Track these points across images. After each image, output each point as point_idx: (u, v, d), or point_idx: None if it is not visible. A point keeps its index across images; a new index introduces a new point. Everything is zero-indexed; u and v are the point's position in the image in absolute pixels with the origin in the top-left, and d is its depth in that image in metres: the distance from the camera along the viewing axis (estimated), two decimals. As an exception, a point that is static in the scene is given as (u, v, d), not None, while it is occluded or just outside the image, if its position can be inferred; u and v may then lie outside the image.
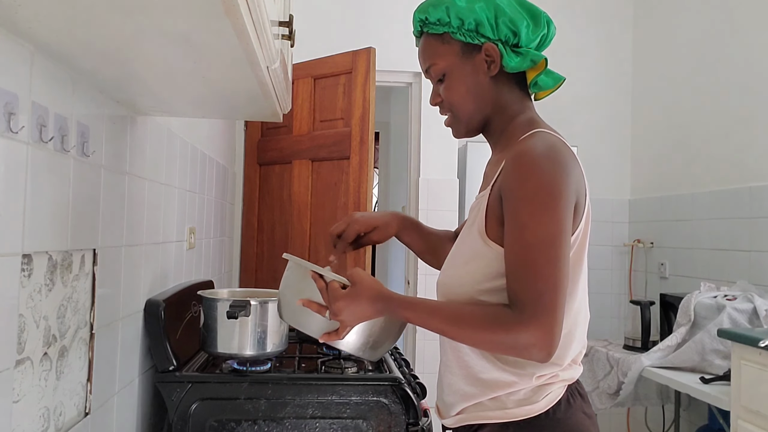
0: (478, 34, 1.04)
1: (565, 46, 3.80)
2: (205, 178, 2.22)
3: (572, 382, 1.06)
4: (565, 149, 1.00)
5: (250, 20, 0.81)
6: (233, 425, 1.47)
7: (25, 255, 0.91)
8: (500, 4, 1.03)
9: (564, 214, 0.93)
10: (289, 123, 2.89)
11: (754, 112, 2.82)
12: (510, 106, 1.09)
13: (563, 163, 0.96)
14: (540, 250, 0.91)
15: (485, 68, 1.06)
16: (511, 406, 1.01)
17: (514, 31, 1.03)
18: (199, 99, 1.29)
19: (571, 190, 0.95)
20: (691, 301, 2.51)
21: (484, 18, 1.03)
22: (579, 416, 1.04)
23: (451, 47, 1.08)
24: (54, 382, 1.03)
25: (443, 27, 1.07)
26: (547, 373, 1.02)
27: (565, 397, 1.03)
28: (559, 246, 0.92)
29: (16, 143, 0.88)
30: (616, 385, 2.72)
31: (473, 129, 1.14)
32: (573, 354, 1.05)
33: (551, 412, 1.01)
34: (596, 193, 3.77)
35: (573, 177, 0.96)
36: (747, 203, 2.81)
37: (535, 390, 1.02)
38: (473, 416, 1.05)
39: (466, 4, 1.04)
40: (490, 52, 1.05)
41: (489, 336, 0.94)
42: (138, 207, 1.46)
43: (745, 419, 1.93)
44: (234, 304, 1.47)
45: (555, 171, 0.94)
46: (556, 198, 0.93)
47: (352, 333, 1.09)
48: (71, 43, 0.90)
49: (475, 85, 1.08)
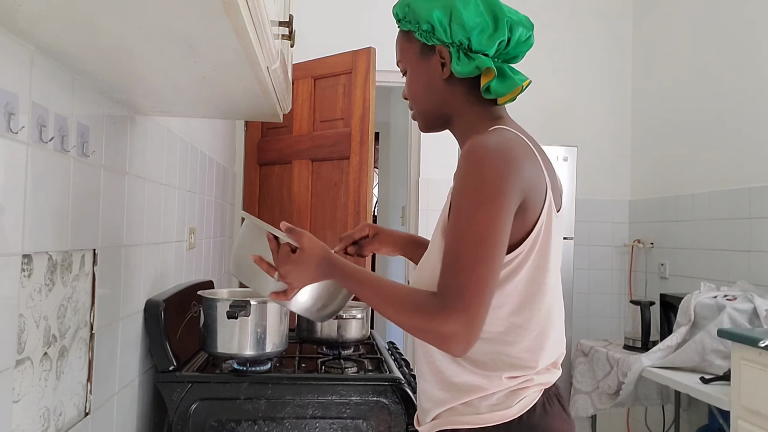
0: (434, 36, 1.06)
1: (566, 46, 3.81)
2: (205, 179, 2.22)
3: (549, 387, 1.04)
4: (519, 147, 0.99)
5: (250, 20, 0.81)
6: (233, 425, 1.47)
7: (25, 255, 0.91)
8: (458, 8, 1.03)
9: (501, 212, 0.92)
10: (289, 123, 2.89)
11: (754, 112, 2.82)
12: (471, 107, 1.10)
13: (510, 160, 0.95)
14: (470, 244, 0.91)
15: (440, 69, 1.08)
16: (484, 411, 1.00)
17: (467, 37, 1.04)
18: (199, 99, 1.29)
19: (515, 188, 0.94)
20: (691, 301, 2.51)
21: (437, 21, 1.04)
22: (556, 422, 1.02)
23: (413, 46, 1.11)
24: (54, 382, 1.03)
25: (409, 25, 1.09)
26: (519, 375, 1.00)
27: (540, 401, 1.02)
28: (491, 242, 0.91)
29: (16, 143, 0.88)
30: (616, 385, 2.72)
31: (431, 125, 1.16)
32: (548, 355, 1.03)
33: (525, 417, 1.00)
34: (596, 194, 3.78)
35: (521, 175, 0.95)
36: (747, 203, 2.81)
37: (508, 394, 1.00)
38: (447, 421, 1.04)
39: (425, 6, 1.05)
40: (442, 54, 1.07)
41: (410, 320, 0.95)
42: (138, 207, 1.46)
43: (745, 419, 1.93)
44: (234, 304, 1.47)
45: (498, 168, 0.94)
46: (494, 195, 0.92)
47: (301, 294, 1.12)
48: (71, 43, 0.90)
49: (430, 84, 1.10)
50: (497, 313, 0.98)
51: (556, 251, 1.02)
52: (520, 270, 0.98)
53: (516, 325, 0.99)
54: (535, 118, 3.76)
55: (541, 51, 3.80)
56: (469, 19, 1.03)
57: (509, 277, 0.97)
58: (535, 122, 3.77)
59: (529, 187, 0.96)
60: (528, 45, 1.10)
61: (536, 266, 0.98)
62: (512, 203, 0.93)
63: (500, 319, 0.99)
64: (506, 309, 0.99)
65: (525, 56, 1.15)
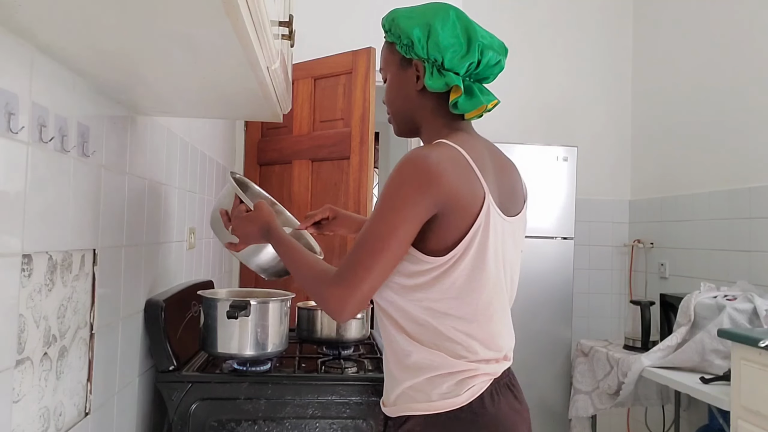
0: (412, 50, 1.17)
1: (566, 47, 3.81)
2: (205, 178, 2.22)
3: (499, 377, 1.14)
4: (448, 162, 1.07)
5: (250, 20, 0.81)
6: (233, 425, 1.47)
7: (25, 255, 0.91)
8: (436, 28, 1.14)
9: (404, 220, 1.05)
10: (289, 123, 2.89)
11: (754, 112, 2.82)
12: (437, 119, 1.20)
13: (428, 174, 1.05)
14: (370, 240, 1.06)
15: (414, 81, 1.19)
16: (435, 399, 1.11)
17: (441, 55, 1.14)
18: (199, 99, 1.29)
19: (426, 200, 1.05)
20: (691, 301, 2.51)
21: (416, 38, 1.15)
22: (504, 410, 1.12)
23: (394, 57, 1.22)
24: (54, 382, 1.03)
25: (392, 37, 1.21)
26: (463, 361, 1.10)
27: (488, 391, 1.12)
28: (386, 242, 1.05)
29: (16, 143, 0.88)
30: (616, 385, 2.72)
31: (403, 130, 1.28)
32: (490, 346, 1.13)
33: (474, 404, 1.10)
34: (596, 194, 3.78)
35: (438, 188, 1.05)
36: (747, 203, 2.81)
37: (458, 383, 1.10)
38: (404, 408, 1.15)
39: (407, 24, 1.16)
40: (418, 68, 1.18)
41: (310, 284, 1.13)
42: (138, 207, 1.46)
43: (745, 419, 1.93)
44: (234, 305, 1.47)
45: (413, 181, 1.05)
46: (402, 204, 1.05)
47: (250, 252, 1.38)
48: (71, 43, 0.90)
49: (405, 94, 1.22)
50: (438, 305, 1.10)
51: (496, 253, 1.12)
52: (456, 268, 1.08)
53: (455, 318, 1.10)
54: (535, 118, 3.77)
55: (542, 51, 3.81)
56: (444, 40, 1.13)
57: (446, 274, 1.08)
58: (535, 122, 3.78)
59: (452, 197, 1.06)
60: (498, 68, 1.19)
61: (473, 266, 1.08)
62: (420, 213, 1.05)
63: (440, 311, 1.10)
64: (445, 303, 1.09)
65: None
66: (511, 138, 3.60)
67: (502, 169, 1.20)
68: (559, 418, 3.26)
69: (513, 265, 1.20)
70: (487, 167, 1.13)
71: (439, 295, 1.09)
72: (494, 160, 1.18)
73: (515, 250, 1.20)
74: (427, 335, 1.11)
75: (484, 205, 1.08)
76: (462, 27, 1.15)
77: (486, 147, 1.19)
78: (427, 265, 1.08)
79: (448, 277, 1.08)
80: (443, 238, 1.07)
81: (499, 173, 1.17)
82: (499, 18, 3.73)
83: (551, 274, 3.28)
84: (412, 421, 1.13)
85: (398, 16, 1.18)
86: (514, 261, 1.20)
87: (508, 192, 1.19)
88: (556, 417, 3.26)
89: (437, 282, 1.08)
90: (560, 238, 3.30)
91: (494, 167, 1.16)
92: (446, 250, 1.07)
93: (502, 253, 1.14)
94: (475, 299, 1.10)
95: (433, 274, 1.08)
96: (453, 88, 1.15)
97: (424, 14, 1.16)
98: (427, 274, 1.08)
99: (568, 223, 3.30)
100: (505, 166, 1.22)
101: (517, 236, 1.20)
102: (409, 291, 1.11)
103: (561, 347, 3.27)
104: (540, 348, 3.25)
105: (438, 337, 1.11)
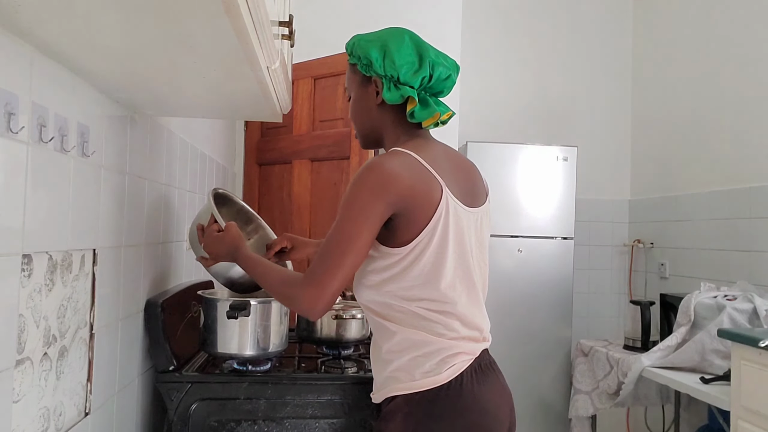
0: (371, 69, 1.29)
1: (566, 47, 3.81)
2: (205, 178, 2.22)
3: (480, 358, 1.23)
4: (401, 167, 1.17)
5: (250, 20, 0.81)
6: (233, 425, 1.47)
7: (25, 255, 0.91)
8: (391, 49, 1.27)
9: (363, 224, 1.15)
10: (289, 123, 2.89)
11: (754, 112, 2.82)
12: (397, 129, 1.32)
13: (383, 179, 1.16)
14: (333, 245, 1.16)
15: (374, 96, 1.31)
16: (418, 378, 1.20)
17: (397, 72, 1.26)
18: (199, 99, 1.29)
19: (383, 203, 1.15)
20: (691, 301, 2.51)
21: (374, 58, 1.28)
22: (486, 390, 1.21)
23: (356, 76, 1.35)
24: (54, 382, 1.03)
25: (354, 59, 1.33)
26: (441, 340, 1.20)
27: (469, 370, 1.20)
28: (347, 247, 1.15)
29: (16, 143, 0.88)
30: (616, 385, 2.72)
31: (368, 143, 1.39)
32: (467, 325, 1.23)
33: (455, 383, 1.18)
34: (596, 194, 3.78)
35: (394, 191, 1.15)
36: (747, 203, 2.81)
37: (439, 363, 1.19)
38: (390, 389, 1.23)
39: (365, 45, 1.30)
40: (377, 84, 1.30)
41: (280, 288, 1.23)
42: (138, 207, 1.46)
43: (746, 419, 1.93)
44: (234, 305, 1.47)
45: (369, 187, 1.16)
46: (359, 210, 1.15)
47: (219, 270, 1.47)
48: (71, 43, 0.90)
49: (367, 109, 1.34)
50: (410, 293, 1.20)
51: (460, 239, 1.22)
52: (423, 256, 1.18)
53: (428, 301, 1.20)
54: (536, 118, 3.77)
55: (542, 51, 3.81)
56: (399, 58, 1.26)
57: (414, 263, 1.19)
58: (535, 122, 3.78)
59: (408, 196, 1.17)
60: (450, 82, 1.32)
61: (438, 253, 1.19)
62: (378, 214, 1.16)
63: (414, 297, 1.20)
64: (417, 290, 1.20)
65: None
66: (511, 138, 3.60)
67: (460, 169, 1.31)
68: (559, 418, 3.26)
69: (480, 251, 1.30)
70: (443, 167, 1.24)
71: (410, 283, 1.20)
72: (451, 161, 1.30)
73: (479, 238, 1.30)
74: (407, 319, 1.21)
75: (443, 198, 1.19)
76: (415, 47, 1.28)
77: (443, 150, 1.31)
78: (396, 257, 1.19)
79: (416, 265, 1.18)
80: (407, 231, 1.18)
81: (457, 172, 1.29)
82: (499, 18, 3.73)
83: (551, 274, 3.28)
84: (396, 400, 1.21)
85: (359, 40, 1.32)
86: (481, 248, 1.31)
87: (468, 188, 1.30)
88: (556, 417, 3.26)
89: (406, 272, 1.19)
90: (560, 238, 3.30)
91: (451, 167, 1.28)
92: (411, 241, 1.18)
93: (467, 240, 1.25)
94: (442, 282, 1.19)
95: (402, 264, 1.19)
96: (409, 100, 1.27)
97: (381, 37, 1.30)
98: (396, 265, 1.19)
99: (568, 223, 3.30)
100: (463, 166, 1.34)
101: (481, 226, 1.31)
102: (384, 285, 1.21)
103: (561, 347, 3.27)
104: (540, 348, 3.25)
105: (417, 319, 1.21)
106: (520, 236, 3.27)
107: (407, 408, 1.19)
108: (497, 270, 3.22)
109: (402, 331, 1.21)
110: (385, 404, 1.25)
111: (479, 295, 1.28)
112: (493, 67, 3.74)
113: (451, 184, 1.23)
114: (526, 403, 3.21)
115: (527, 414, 3.22)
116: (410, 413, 1.19)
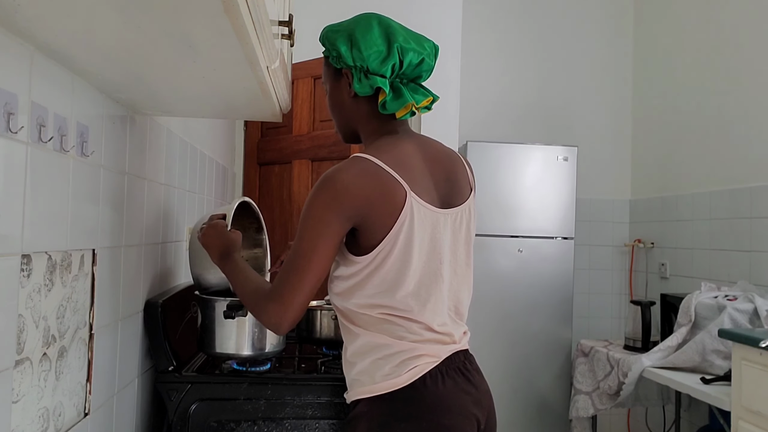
0: (341, 61, 1.25)
1: (566, 47, 3.81)
2: (205, 178, 2.22)
3: (445, 360, 1.20)
4: (359, 176, 1.15)
5: (250, 20, 0.81)
6: (233, 425, 1.47)
7: (24, 255, 0.91)
8: (357, 37, 1.23)
9: (321, 236, 1.14)
10: (289, 123, 2.89)
11: (754, 112, 2.82)
12: (371, 122, 1.29)
13: (339, 191, 1.13)
14: (294, 258, 1.16)
15: (348, 89, 1.28)
16: (379, 380, 1.19)
17: (365, 61, 1.22)
18: (199, 99, 1.29)
19: (340, 215, 1.13)
20: (691, 302, 2.51)
21: (342, 49, 1.24)
22: (449, 390, 1.19)
23: (329, 69, 1.32)
24: (53, 383, 1.03)
25: (326, 52, 1.30)
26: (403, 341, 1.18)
27: (432, 372, 1.18)
28: (308, 259, 1.15)
29: (15, 143, 0.87)
30: (617, 386, 2.72)
31: (347, 137, 1.36)
32: (431, 330, 1.20)
33: (416, 384, 1.17)
34: (596, 193, 3.78)
35: (350, 202, 1.13)
36: (747, 203, 2.81)
37: (399, 364, 1.18)
38: (353, 393, 1.23)
39: (334, 37, 1.26)
40: (348, 76, 1.26)
41: (249, 300, 1.23)
42: (138, 207, 1.46)
43: (746, 420, 1.93)
44: (231, 305, 1.47)
45: (325, 200, 1.14)
46: (317, 223, 1.14)
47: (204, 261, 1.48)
48: (71, 43, 0.90)
49: (342, 102, 1.31)
50: (373, 300, 1.18)
51: (426, 245, 1.19)
52: (385, 263, 1.16)
53: (390, 308, 1.19)
54: (535, 118, 3.77)
55: (542, 51, 3.81)
56: (366, 48, 1.22)
57: (377, 270, 1.17)
58: (535, 122, 3.78)
59: (365, 207, 1.14)
60: (426, 66, 1.26)
61: (402, 260, 1.17)
62: (335, 229, 1.15)
63: (377, 304, 1.19)
64: (380, 297, 1.18)
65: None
66: (511, 138, 3.59)
67: (437, 164, 1.26)
68: (559, 418, 3.25)
69: (456, 254, 1.26)
70: (412, 165, 1.21)
71: (373, 291, 1.18)
72: (426, 157, 1.25)
73: (457, 239, 1.26)
74: (370, 323, 1.20)
75: (407, 203, 1.16)
76: (383, 33, 1.23)
77: (417, 145, 1.26)
78: (359, 265, 1.17)
79: (378, 273, 1.17)
80: (369, 240, 1.16)
81: (432, 169, 1.25)
82: (499, 18, 3.73)
83: (551, 274, 3.28)
84: (360, 405, 1.21)
85: (328, 31, 1.28)
86: (458, 250, 1.27)
87: (444, 186, 1.26)
88: (556, 417, 3.26)
89: (369, 279, 1.17)
90: (560, 238, 3.30)
91: (424, 165, 1.24)
92: (372, 249, 1.16)
93: (439, 243, 1.21)
94: (404, 290, 1.17)
95: (365, 272, 1.17)
96: (380, 91, 1.22)
97: (348, 26, 1.26)
98: (360, 273, 1.18)
99: (568, 223, 3.30)
100: (440, 159, 1.28)
101: (461, 225, 1.27)
102: (349, 292, 1.20)
103: (561, 347, 3.27)
104: (540, 348, 3.24)
105: (379, 323, 1.20)
106: (521, 236, 3.27)
107: (369, 411, 1.19)
108: (497, 270, 3.22)
109: (365, 335, 1.21)
110: (350, 408, 1.25)
111: (446, 301, 1.24)
112: (493, 67, 3.74)
113: (421, 186, 1.20)
114: (526, 404, 3.21)
115: (527, 414, 3.22)
116: (372, 417, 1.18)
